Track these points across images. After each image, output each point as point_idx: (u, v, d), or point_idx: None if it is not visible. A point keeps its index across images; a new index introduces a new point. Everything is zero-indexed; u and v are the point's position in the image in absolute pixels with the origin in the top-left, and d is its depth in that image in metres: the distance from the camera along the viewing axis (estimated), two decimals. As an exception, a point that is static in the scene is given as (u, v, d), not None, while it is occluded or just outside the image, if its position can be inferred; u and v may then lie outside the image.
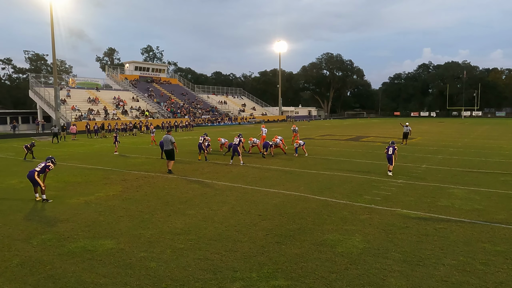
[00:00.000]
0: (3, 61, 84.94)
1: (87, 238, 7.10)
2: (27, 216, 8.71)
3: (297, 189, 11.22)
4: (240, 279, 5.36)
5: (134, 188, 11.60)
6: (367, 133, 35.68)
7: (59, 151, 22.81)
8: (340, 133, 37.46)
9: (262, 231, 7.44)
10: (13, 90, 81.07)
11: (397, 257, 6.09)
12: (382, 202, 9.52)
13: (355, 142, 27.03)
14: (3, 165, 17.45)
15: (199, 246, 6.63)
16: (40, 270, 5.73)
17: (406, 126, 24.32)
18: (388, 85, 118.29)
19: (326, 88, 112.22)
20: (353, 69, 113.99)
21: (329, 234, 7.20)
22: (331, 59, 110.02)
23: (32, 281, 5.39)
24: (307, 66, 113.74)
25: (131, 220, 8.27)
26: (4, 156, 20.80)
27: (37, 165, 10.46)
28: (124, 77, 68.17)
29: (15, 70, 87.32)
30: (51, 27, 41.25)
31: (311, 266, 5.77)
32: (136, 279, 5.38)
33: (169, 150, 14.38)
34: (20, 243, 6.92)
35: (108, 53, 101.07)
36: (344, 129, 45.41)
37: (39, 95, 49.93)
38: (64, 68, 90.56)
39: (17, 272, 5.68)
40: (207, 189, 11.40)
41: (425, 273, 5.51)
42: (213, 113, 68.63)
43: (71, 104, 49.66)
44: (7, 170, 15.80)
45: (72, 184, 12.40)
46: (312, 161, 17.15)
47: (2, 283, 5.33)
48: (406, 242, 6.75)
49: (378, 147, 22.87)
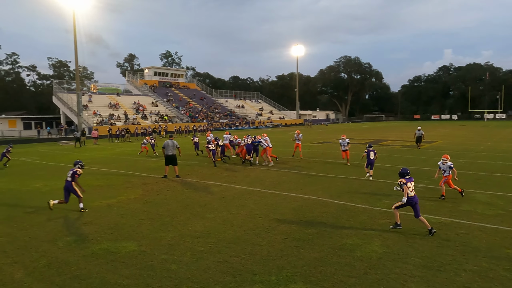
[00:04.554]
0: (28, 68, 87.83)
1: (110, 240, 7.30)
2: (52, 218, 8.99)
3: (315, 193, 11.21)
4: (259, 282, 5.42)
5: (154, 192, 11.83)
6: (386, 137, 35.24)
7: (81, 155, 23.41)
8: (359, 136, 37.11)
9: (280, 235, 7.48)
10: (37, 96, 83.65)
11: (417, 262, 6.03)
12: (401, 207, 9.41)
13: (374, 145, 26.72)
14: (28, 168, 18.03)
15: (218, 249, 6.73)
16: (66, 271, 5.93)
17: (419, 130, 23.88)
18: (407, 88, 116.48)
19: (344, 92, 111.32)
20: (371, 72, 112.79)
21: (348, 239, 7.18)
22: (349, 62, 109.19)
23: (59, 281, 5.59)
24: (324, 69, 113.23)
25: (152, 223, 8.45)
26: (29, 160, 21.48)
27: (67, 173, 10.03)
28: (144, 82, 69.38)
29: (39, 77, 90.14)
30: (74, 35, 42.44)
31: (330, 270, 5.78)
32: (158, 281, 5.51)
33: (173, 155, 14.39)
34: (47, 244, 7.16)
35: (128, 59, 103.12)
36: (362, 132, 44.95)
37: (62, 101, 51.33)
38: (86, 74, 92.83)
39: (45, 272, 5.90)
40: (225, 193, 11.52)
41: (446, 278, 5.45)
42: (231, 117, 69.03)
43: (92, 109, 50.85)
44: (33, 173, 16.32)
45: (94, 187, 12.72)
46: (330, 165, 17.08)
47: (31, 282, 5.54)
48: (426, 247, 6.68)
49: (397, 151, 22.59)
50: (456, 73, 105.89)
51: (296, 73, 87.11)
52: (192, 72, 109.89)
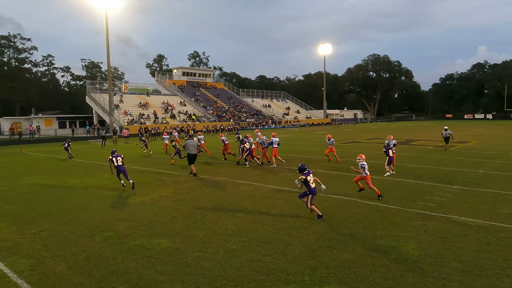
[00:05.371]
0: (62, 69, 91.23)
1: (144, 237, 7.48)
2: (90, 214, 9.31)
3: (346, 193, 11.07)
4: (293, 281, 5.41)
5: (185, 190, 12.02)
6: (417, 137, 34.32)
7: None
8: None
9: (312, 235, 7.44)
10: (71, 96, 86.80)
11: (456, 266, 5.85)
12: (437, 209, 9.15)
13: (404, 145, 26.06)
14: (65, 166, 18.73)
15: (250, 248, 6.76)
16: (104, 265, 6.12)
17: (446, 130, 22.91)
18: (439, 86, 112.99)
19: (373, 90, 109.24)
20: (401, 70, 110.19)
21: (381, 240, 7.05)
22: (378, 61, 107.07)
23: (98, 275, 5.77)
24: (352, 68, 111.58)
25: (184, 220, 8.59)
26: (65, 157, 22.29)
27: (115, 160, 12.34)
28: (172, 82, 70.63)
29: (73, 77, 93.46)
30: (106, 36, 43.72)
31: (365, 272, 5.69)
32: (192, 278, 5.59)
33: (194, 154, 14.87)
34: (85, 239, 7.42)
35: (157, 60, 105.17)
36: (392, 132, 43.90)
37: (95, 101, 52.99)
38: (117, 74, 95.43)
39: (84, 267, 6.11)
40: (255, 192, 11.56)
41: (488, 284, 5.25)
42: (258, 116, 69.18)
43: (123, 109, 52.24)
44: (69, 171, 16.94)
45: (128, 185, 13.05)
46: (360, 165, 16.79)
47: (72, 275, 5.76)
48: (465, 250, 6.46)
49: (429, 151, 21.96)
50: (491, 71, 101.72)
51: (323, 72, 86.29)
52: (219, 72, 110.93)
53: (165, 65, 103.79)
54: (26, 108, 71.98)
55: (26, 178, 15.10)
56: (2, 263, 6.27)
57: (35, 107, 64.66)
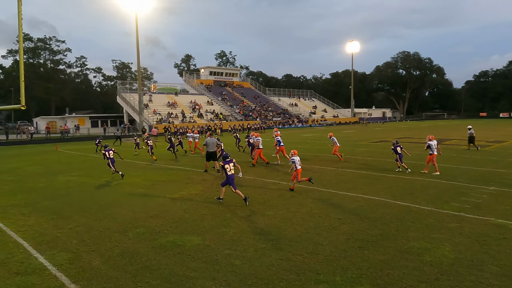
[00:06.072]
0: (94, 70, 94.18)
1: (175, 234, 7.62)
2: (122, 210, 9.57)
3: (376, 193, 10.87)
4: (324, 282, 5.37)
5: (214, 188, 12.15)
6: (449, 136, 33.26)
7: (143, 151, 24.57)
8: (419, 135, 35.40)
9: (342, 235, 7.35)
10: (102, 96, 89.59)
11: (494, 270, 5.63)
12: (472, 210, 8.84)
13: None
14: (97, 163, 19.34)
15: (280, 247, 6.76)
16: (137, 261, 6.28)
17: (470, 130, 22.11)
18: (472, 84, 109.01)
19: (402, 89, 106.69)
20: (432, 68, 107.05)
21: (414, 242, 6.88)
22: (408, 58, 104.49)
23: (132, 270, 5.93)
24: (381, 66, 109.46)
25: (214, 218, 8.69)
26: (99, 156, 23.01)
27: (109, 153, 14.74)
28: (200, 82, 71.52)
29: (104, 78, 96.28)
30: (136, 38, 44.72)
31: (398, 274, 5.57)
32: (223, 275, 5.65)
33: (214, 151, 15.37)
34: (119, 235, 7.63)
35: (185, 60, 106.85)
36: (423, 131, 42.80)
37: (126, 100, 54.42)
38: (146, 74, 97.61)
39: (119, 261, 6.29)
40: (283, 191, 11.54)
41: (530, 289, 5.03)
42: (284, 115, 68.98)
43: (152, 108, 53.35)
44: (102, 168, 17.46)
45: (158, 182, 13.34)
46: (390, 165, 16.45)
47: (107, 270, 5.94)
48: (504, 254, 6.21)
49: (463, 151, 21.22)
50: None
51: (351, 70, 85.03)
52: (245, 71, 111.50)
53: (192, 65, 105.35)
54: (60, 108, 74.86)
55: (62, 175, 15.71)
56: (42, 256, 6.55)
57: (69, 107, 67.09)
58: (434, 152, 13.89)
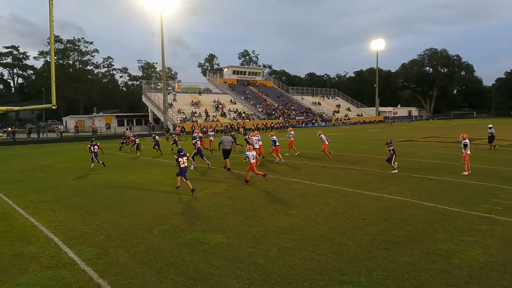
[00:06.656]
0: (121, 70, 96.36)
1: (199, 231, 7.69)
2: (147, 207, 9.75)
3: (402, 193, 10.64)
4: (348, 282, 5.30)
5: (237, 187, 12.21)
6: (479, 135, 32.15)
7: (167, 150, 24.97)
8: (447, 135, 34.44)
9: (367, 235, 7.23)
10: (128, 95, 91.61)
11: (528, 275, 5.40)
12: (504, 212, 8.52)
13: (465, 145, 24.55)
14: (123, 162, 19.78)
15: (304, 246, 6.72)
16: (162, 257, 6.38)
17: (490, 129, 21.43)
18: (503, 81, 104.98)
19: (429, 87, 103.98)
20: (460, 65, 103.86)
21: (442, 244, 6.69)
22: (435, 55, 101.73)
23: (157, 266, 6.03)
24: (407, 63, 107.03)
25: (237, 216, 8.72)
26: (123, 154, 23.55)
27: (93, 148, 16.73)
28: (223, 81, 71.97)
29: (130, 78, 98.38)
30: (161, 38, 45.49)
31: (425, 276, 5.43)
32: (247, 273, 5.66)
33: (228, 149, 16.28)
34: (144, 232, 7.78)
35: (208, 59, 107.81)
36: (451, 130, 41.62)
37: (151, 100, 55.43)
38: (170, 74, 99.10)
39: (144, 258, 6.40)
40: (306, 190, 11.47)
41: None
42: (307, 114, 68.54)
43: (177, 107, 54.11)
44: (127, 166, 17.88)
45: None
46: (416, 164, 16.08)
47: (133, 266, 6.06)
48: (539, 259, 5.95)
49: (493, 151, 20.48)
50: None
51: (375, 68, 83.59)
52: (268, 70, 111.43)
53: (215, 64, 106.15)
54: (88, 107, 76.99)
55: (90, 173, 16.15)
56: (71, 251, 6.75)
57: (96, 106, 68.89)
58: (468, 151, 13.50)
